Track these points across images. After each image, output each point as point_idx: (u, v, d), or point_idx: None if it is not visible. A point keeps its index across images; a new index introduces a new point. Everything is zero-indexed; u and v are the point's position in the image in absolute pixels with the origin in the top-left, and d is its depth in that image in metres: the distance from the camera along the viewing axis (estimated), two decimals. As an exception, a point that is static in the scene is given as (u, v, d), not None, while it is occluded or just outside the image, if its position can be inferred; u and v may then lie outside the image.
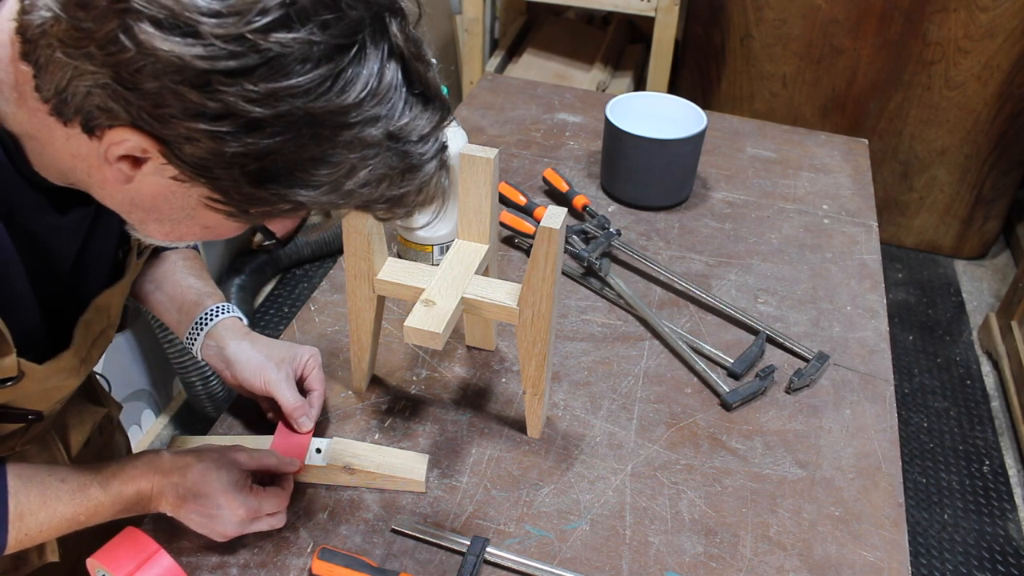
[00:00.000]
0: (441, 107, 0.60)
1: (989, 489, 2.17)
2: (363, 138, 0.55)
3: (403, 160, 0.58)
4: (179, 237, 0.65)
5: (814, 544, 0.91)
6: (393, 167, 0.58)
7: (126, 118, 0.53)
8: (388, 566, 0.86)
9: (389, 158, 0.57)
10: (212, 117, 0.51)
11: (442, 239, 1.21)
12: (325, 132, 0.54)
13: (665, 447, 1.01)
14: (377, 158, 0.57)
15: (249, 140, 0.52)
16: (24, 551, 0.91)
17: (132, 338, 2.01)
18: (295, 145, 0.53)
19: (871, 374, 1.12)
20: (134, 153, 0.55)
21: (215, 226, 0.64)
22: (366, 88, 0.54)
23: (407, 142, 0.58)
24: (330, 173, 0.56)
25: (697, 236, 1.36)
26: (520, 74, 2.60)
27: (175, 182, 0.57)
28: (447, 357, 1.11)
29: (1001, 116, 2.62)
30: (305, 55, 0.51)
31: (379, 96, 0.55)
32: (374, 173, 0.57)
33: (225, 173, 0.54)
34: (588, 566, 0.87)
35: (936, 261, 2.96)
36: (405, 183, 0.60)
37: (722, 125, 1.66)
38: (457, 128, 1.17)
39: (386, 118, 0.56)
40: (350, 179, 0.57)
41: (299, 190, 0.56)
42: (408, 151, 0.58)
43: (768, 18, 2.62)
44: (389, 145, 0.57)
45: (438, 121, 0.60)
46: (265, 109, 0.51)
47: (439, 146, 0.61)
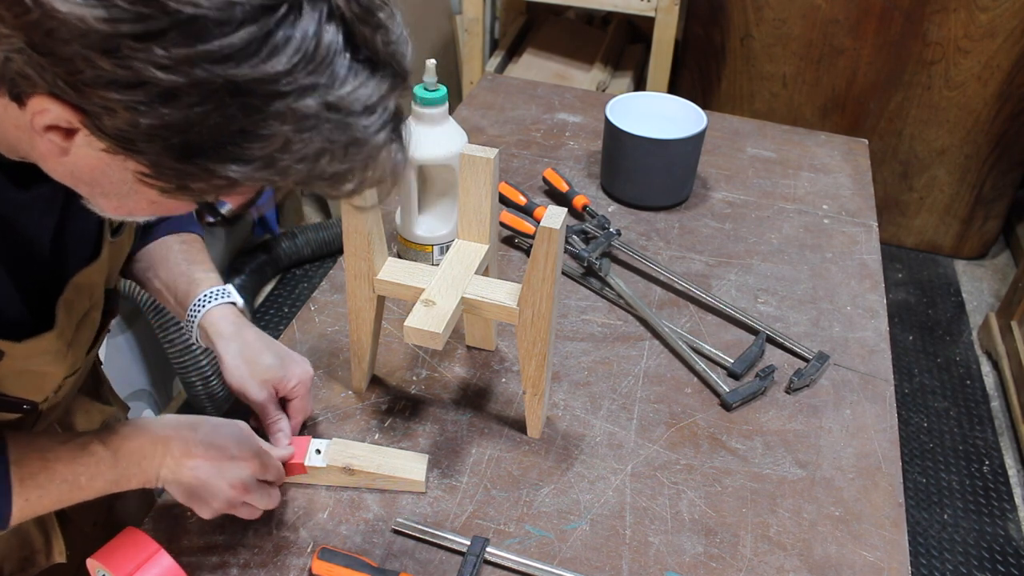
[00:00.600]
0: (392, 74, 0.55)
1: (989, 489, 2.17)
2: (297, 109, 0.50)
3: (345, 133, 0.53)
4: (129, 212, 0.62)
5: (814, 544, 0.91)
6: (333, 141, 0.53)
7: (44, 86, 0.50)
8: (388, 566, 0.86)
9: (329, 131, 0.52)
10: (124, 85, 0.48)
11: (442, 239, 1.21)
12: (253, 102, 0.49)
13: (665, 447, 1.01)
14: (314, 131, 0.52)
15: (165, 111, 0.48)
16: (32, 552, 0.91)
17: (132, 338, 2.02)
18: (220, 117, 0.49)
19: (871, 374, 1.12)
20: (59, 124, 0.52)
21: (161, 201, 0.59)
22: (299, 53, 0.49)
23: (349, 113, 0.53)
24: (262, 147, 0.51)
25: (697, 236, 1.36)
26: (520, 74, 2.60)
27: (107, 155, 0.54)
28: (447, 357, 1.11)
29: (1001, 116, 2.62)
30: (224, 17, 0.47)
31: (315, 62, 0.50)
32: (311, 147, 0.52)
33: (148, 147, 0.51)
34: (588, 566, 0.87)
35: (936, 261, 2.96)
36: (348, 158, 0.55)
37: (722, 125, 1.66)
38: (457, 128, 1.17)
39: (324, 87, 0.51)
40: (285, 154, 0.52)
41: (229, 165, 0.52)
42: (350, 123, 0.53)
43: (768, 18, 2.62)
44: (328, 117, 0.52)
45: (388, 90, 0.55)
46: (180, 77, 0.47)
47: (388, 117, 0.55)
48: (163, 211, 0.62)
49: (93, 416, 0.98)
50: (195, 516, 0.89)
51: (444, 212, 1.23)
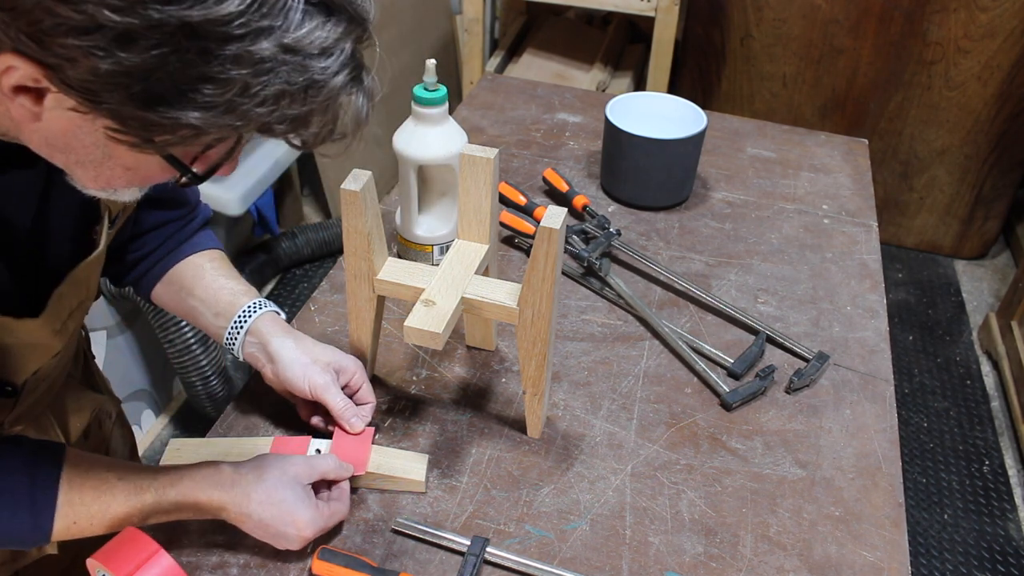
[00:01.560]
0: (348, 19, 0.56)
1: (989, 489, 2.18)
2: (253, 52, 0.51)
3: (303, 75, 0.54)
4: (107, 182, 0.63)
5: (814, 544, 0.91)
6: (292, 83, 0.54)
7: (8, 43, 0.50)
8: (388, 566, 0.86)
9: (287, 74, 0.53)
10: (82, 31, 0.48)
11: (442, 239, 1.21)
12: (209, 46, 0.50)
13: (665, 447, 1.01)
14: (272, 74, 0.53)
15: (123, 55, 0.49)
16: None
17: (132, 338, 2.02)
18: (178, 62, 0.50)
19: (871, 374, 1.12)
20: (27, 83, 0.53)
21: (136, 166, 0.61)
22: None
23: (306, 56, 0.54)
24: (222, 92, 0.52)
25: (697, 236, 1.36)
26: (520, 74, 2.60)
27: (78, 115, 0.55)
28: (447, 357, 1.11)
29: (1001, 116, 2.62)
30: None
31: (268, 5, 0.51)
32: (270, 90, 0.53)
33: (111, 96, 0.52)
34: (588, 566, 0.87)
35: (936, 261, 2.97)
36: (309, 101, 0.56)
37: (722, 125, 1.66)
38: (457, 128, 1.17)
39: (280, 29, 0.52)
40: (245, 98, 0.53)
41: (191, 112, 0.52)
42: (308, 65, 0.54)
43: (768, 18, 2.62)
44: (285, 59, 0.53)
45: (343, 33, 0.56)
46: (134, 19, 0.48)
47: (346, 61, 0.56)
48: (143, 179, 0.63)
49: (84, 405, 0.98)
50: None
51: (444, 212, 1.23)
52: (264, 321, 0.94)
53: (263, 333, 0.93)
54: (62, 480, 0.75)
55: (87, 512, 0.76)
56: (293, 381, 0.92)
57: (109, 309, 1.92)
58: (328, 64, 0.55)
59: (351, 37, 0.56)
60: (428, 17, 2.94)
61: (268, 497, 0.81)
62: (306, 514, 0.82)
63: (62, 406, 0.95)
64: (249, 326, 0.93)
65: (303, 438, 0.95)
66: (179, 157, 0.60)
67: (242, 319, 0.94)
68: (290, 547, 0.83)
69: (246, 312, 0.94)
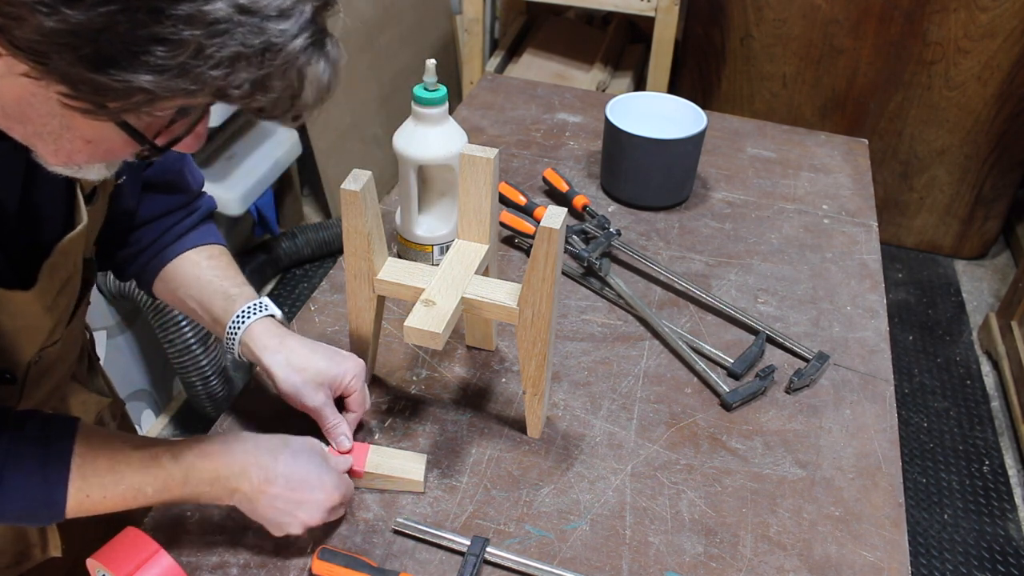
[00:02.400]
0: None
1: (989, 489, 2.18)
2: (206, 12, 0.49)
3: (259, 37, 0.52)
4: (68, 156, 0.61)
5: (814, 544, 0.91)
6: (248, 45, 0.51)
7: None
8: (388, 566, 0.86)
9: (243, 35, 0.51)
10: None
11: (442, 239, 1.21)
12: (160, 4, 0.48)
13: (665, 447, 1.01)
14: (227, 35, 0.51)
15: (69, 12, 0.47)
16: (28, 546, 0.91)
17: (132, 338, 2.02)
18: (127, 21, 0.48)
19: (871, 374, 1.12)
20: None
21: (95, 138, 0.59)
22: None
23: (264, 17, 0.51)
24: (174, 54, 0.50)
25: (697, 236, 1.36)
26: (520, 74, 2.60)
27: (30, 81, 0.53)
28: (447, 357, 1.11)
29: (1001, 116, 2.62)
30: None
31: None
32: (225, 52, 0.51)
33: (61, 58, 0.50)
34: (588, 566, 0.87)
35: (936, 261, 2.97)
36: (266, 64, 0.53)
37: (722, 125, 1.66)
38: (457, 128, 1.17)
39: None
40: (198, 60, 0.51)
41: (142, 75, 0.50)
42: (265, 27, 0.52)
43: (768, 18, 2.62)
44: (241, 20, 0.51)
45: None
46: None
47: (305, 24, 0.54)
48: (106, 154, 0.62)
49: (89, 406, 0.98)
50: (195, 516, 0.90)
51: (444, 212, 1.23)
52: (255, 332, 0.91)
53: (255, 346, 0.90)
54: (75, 453, 0.73)
55: (100, 483, 0.74)
56: (287, 399, 0.91)
57: (109, 309, 1.92)
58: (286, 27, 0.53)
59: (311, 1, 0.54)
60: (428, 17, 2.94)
61: (295, 460, 0.80)
62: (332, 478, 0.81)
63: (66, 408, 0.95)
64: (241, 336, 0.91)
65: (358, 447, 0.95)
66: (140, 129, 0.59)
67: (235, 327, 0.91)
68: (307, 520, 0.81)
69: (239, 319, 0.91)
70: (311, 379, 0.90)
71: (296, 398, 0.90)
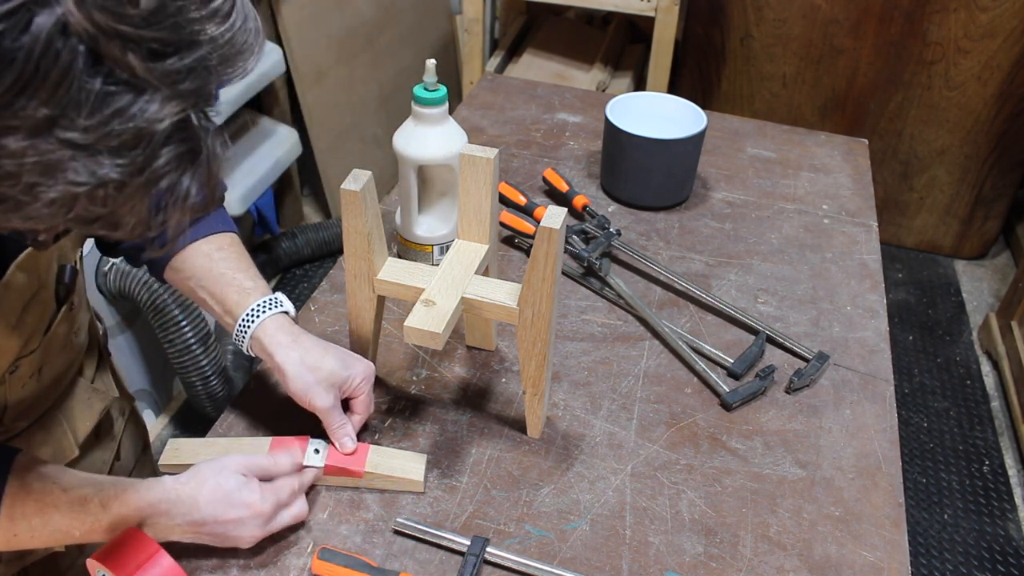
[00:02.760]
0: (171, 96, 0.47)
1: (989, 489, 2.18)
2: (22, 147, 0.44)
3: (93, 176, 0.46)
4: None
5: (814, 544, 0.91)
6: (78, 183, 0.45)
7: None
8: (388, 566, 0.86)
9: (74, 172, 0.45)
10: None
11: (442, 239, 1.21)
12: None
13: (665, 447, 1.01)
14: (57, 172, 0.45)
15: None
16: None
17: (132, 338, 2.02)
18: None
19: (871, 374, 1.12)
20: None
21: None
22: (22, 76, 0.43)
23: (100, 152, 0.46)
24: (8, 186, 0.45)
25: (697, 236, 1.36)
26: (520, 74, 2.60)
27: None
28: (447, 357, 1.11)
29: (1001, 116, 2.62)
30: None
31: (46, 87, 0.43)
32: (53, 193, 0.45)
33: None
34: (588, 566, 0.87)
35: (936, 261, 2.97)
36: (109, 203, 0.47)
37: (722, 125, 1.66)
38: (457, 128, 1.17)
39: (63, 118, 0.44)
40: (28, 197, 0.46)
41: None
42: (99, 162, 0.45)
43: (768, 18, 2.62)
44: (73, 155, 0.45)
45: (158, 115, 0.46)
46: None
47: (156, 150, 0.47)
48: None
49: (94, 403, 0.97)
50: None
51: (444, 212, 1.23)
52: (268, 328, 0.90)
53: (267, 342, 0.90)
54: (5, 494, 0.74)
55: (28, 525, 0.74)
56: (297, 397, 0.91)
57: (109, 309, 1.92)
58: (125, 162, 0.46)
59: (173, 116, 0.47)
60: (428, 17, 2.94)
61: (213, 494, 0.80)
62: (254, 494, 0.81)
63: (70, 405, 0.95)
64: (253, 331, 0.90)
65: (302, 438, 0.94)
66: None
67: (247, 321, 0.90)
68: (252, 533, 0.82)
69: (252, 314, 0.90)
70: (323, 379, 0.90)
71: (305, 398, 0.90)
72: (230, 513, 0.80)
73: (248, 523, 0.82)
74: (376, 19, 2.67)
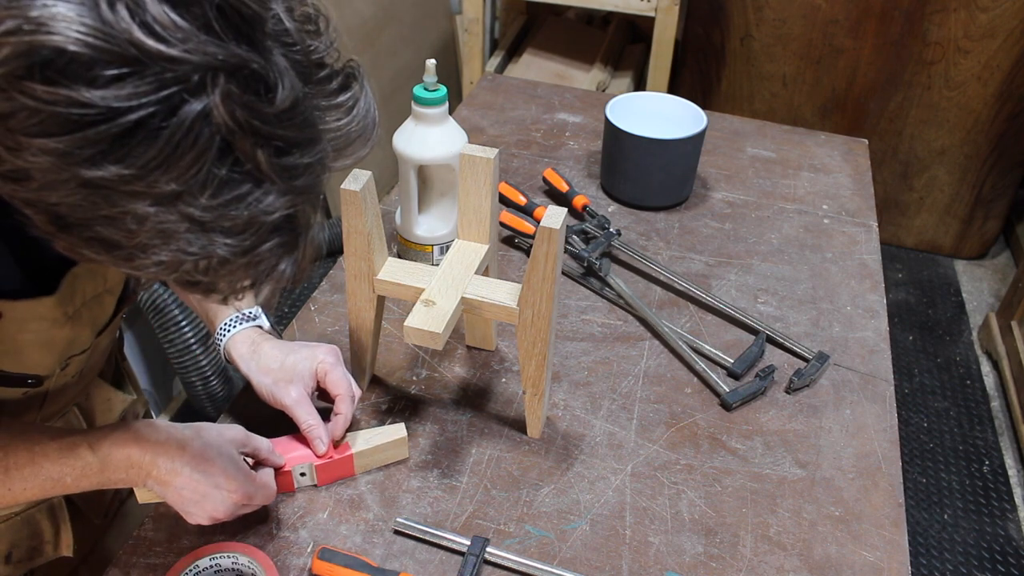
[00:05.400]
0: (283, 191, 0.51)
1: (989, 489, 2.18)
2: (154, 215, 0.49)
3: (205, 249, 0.51)
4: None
5: (814, 544, 0.91)
6: (188, 253, 0.50)
7: None
8: (388, 566, 0.86)
9: (186, 243, 0.50)
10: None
11: (442, 239, 1.21)
12: (111, 196, 0.48)
13: (665, 447, 1.01)
14: (171, 240, 0.50)
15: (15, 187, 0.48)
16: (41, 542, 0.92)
17: (132, 338, 2.02)
18: (81, 200, 0.48)
19: (871, 374, 1.12)
20: None
21: None
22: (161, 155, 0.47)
23: (215, 231, 0.50)
24: (127, 236, 0.49)
25: (697, 236, 1.36)
26: (520, 74, 2.60)
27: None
28: (447, 357, 1.11)
29: (1001, 116, 2.62)
30: None
31: (179, 166, 0.48)
32: (164, 255, 0.50)
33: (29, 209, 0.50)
34: (588, 566, 0.87)
35: (936, 261, 2.96)
36: (211, 273, 0.52)
37: (722, 125, 1.66)
38: (457, 128, 1.17)
39: (186, 195, 0.49)
40: (141, 252, 0.50)
41: (85, 250, 0.51)
42: (213, 240, 0.51)
43: (768, 18, 2.62)
44: (189, 228, 0.50)
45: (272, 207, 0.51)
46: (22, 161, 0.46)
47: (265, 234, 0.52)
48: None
49: (114, 405, 0.99)
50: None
51: (444, 212, 1.23)
52: (237, 341, 0.94)
53: (234, 355, 0.94)
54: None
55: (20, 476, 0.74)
56: (267, 402, 0.92)
57: (109, 309, 1.92)
58: (234, 242, 0.51)
59: (282, 208, 0.52)
60: (428, 17, 2.94)
61: (203, 452, 0.79)
62: (237, 476, 0.81)
63: (90, 405, 0.95)
64: (224, 344, 0.94)
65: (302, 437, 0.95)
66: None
67: (221, 334, 0.94)
68: (213, 513, 0.81)
69: (225, 327, 0.94)
70: (281, 377, 0.91)
71: (271, 400, 0.92)
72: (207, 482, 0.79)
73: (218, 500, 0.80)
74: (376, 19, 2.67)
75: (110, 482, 0.78)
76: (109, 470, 0.77)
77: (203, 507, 0.80)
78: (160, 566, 0.84)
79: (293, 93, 0.49)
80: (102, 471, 0.77)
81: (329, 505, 0.92)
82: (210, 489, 0.79)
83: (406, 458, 0.97)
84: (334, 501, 0.92)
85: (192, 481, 0.79)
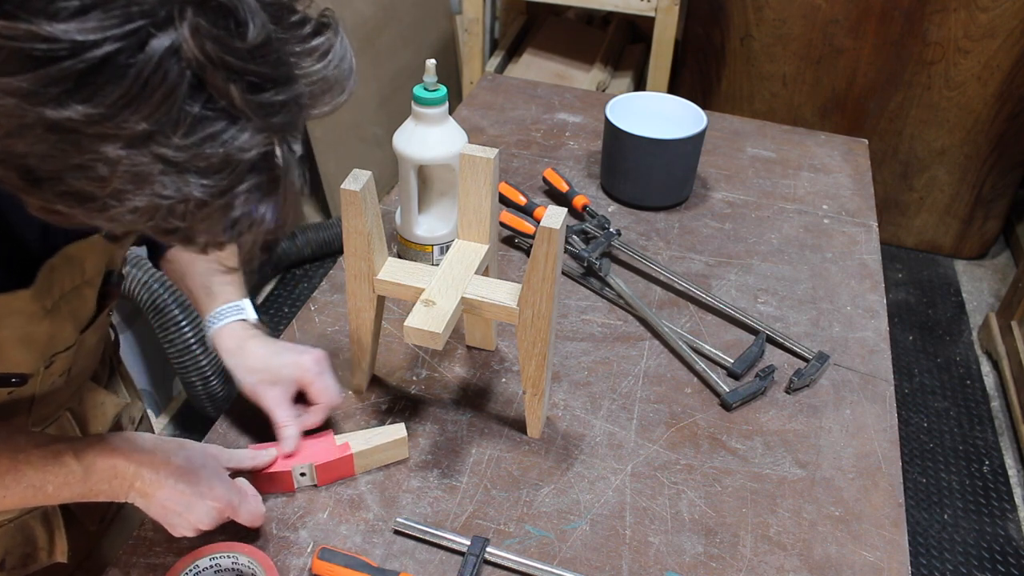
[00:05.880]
0: (258, 128, 0.49)
1: (989, 489, 2.18)
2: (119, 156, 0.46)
3: (180, 192, 0.48)
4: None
5: (814, 544, 0.91)
6: (164, 196, 0.48)
7: None
8: (388, 566, 0.86)
9: (160, 187, 0.48)
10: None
11: (442, 239, 1.21)
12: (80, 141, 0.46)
13: (665, 447, 1.01)
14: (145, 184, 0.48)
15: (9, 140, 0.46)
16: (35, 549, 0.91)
17: (132, 338, 2.02)
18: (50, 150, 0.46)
19: (871, 374, 1.12)
20: None
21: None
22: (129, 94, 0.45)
23: (188, 171, 0.48)
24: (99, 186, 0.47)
25: (697, 236, 1.36)
26: (520, 74, 2.60)
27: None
28: (447, 357, 1.11)
29: (1001, 116, 2.62)
30: None
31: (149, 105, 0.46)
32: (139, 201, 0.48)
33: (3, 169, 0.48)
34: (588, 566, 0.87)
35: (936, 261, 2.96)
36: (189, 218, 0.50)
37: (722, 125, 1.66)
38: (457, 128, 1.17)
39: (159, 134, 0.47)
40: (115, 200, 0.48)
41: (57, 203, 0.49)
42: (186, 180, 0.48)
43: (768, 18, 2.62)
44: (163, 170, 0.47)
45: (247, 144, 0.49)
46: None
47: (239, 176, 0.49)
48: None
49: (108, 409, 0.98)
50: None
51: (444, 212, 1.23)
52: (223, 334, 0.94)
53: (220, 347, 0.94)
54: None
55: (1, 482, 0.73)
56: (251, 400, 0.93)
57: (109, 309, 1.92)
58: (210, 182, 0.49)
59: (258, 145, 0.49)
60: (428, 17, 2.94)
61: (187, 464, 0.79)
62: (221, 486, 0.81)
63: (82, 409, 0.95)
64: (211, 333, 0.95)
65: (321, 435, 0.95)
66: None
67: (208, 325, 0.95)
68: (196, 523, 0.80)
69: (212, 319, 0.95)
70: (265, 379, 0.92)
71: (254, 399, 0.93)
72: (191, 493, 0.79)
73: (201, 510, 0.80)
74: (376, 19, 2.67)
75: (92, 493, 0.77)
76: (92, 480, 0.77)
77: (186, 518, 0.80)
78: (160, 566, 0.84)
79: (265, 31, 0.47)
80: (85, 480, 0.76)
81: (329, 505, 0.92)
82: (194, 499, 0.79)
83: (406, 458, 0.97)
84: (334, 501, 0.92)
85: (176, 492, 0.79)
